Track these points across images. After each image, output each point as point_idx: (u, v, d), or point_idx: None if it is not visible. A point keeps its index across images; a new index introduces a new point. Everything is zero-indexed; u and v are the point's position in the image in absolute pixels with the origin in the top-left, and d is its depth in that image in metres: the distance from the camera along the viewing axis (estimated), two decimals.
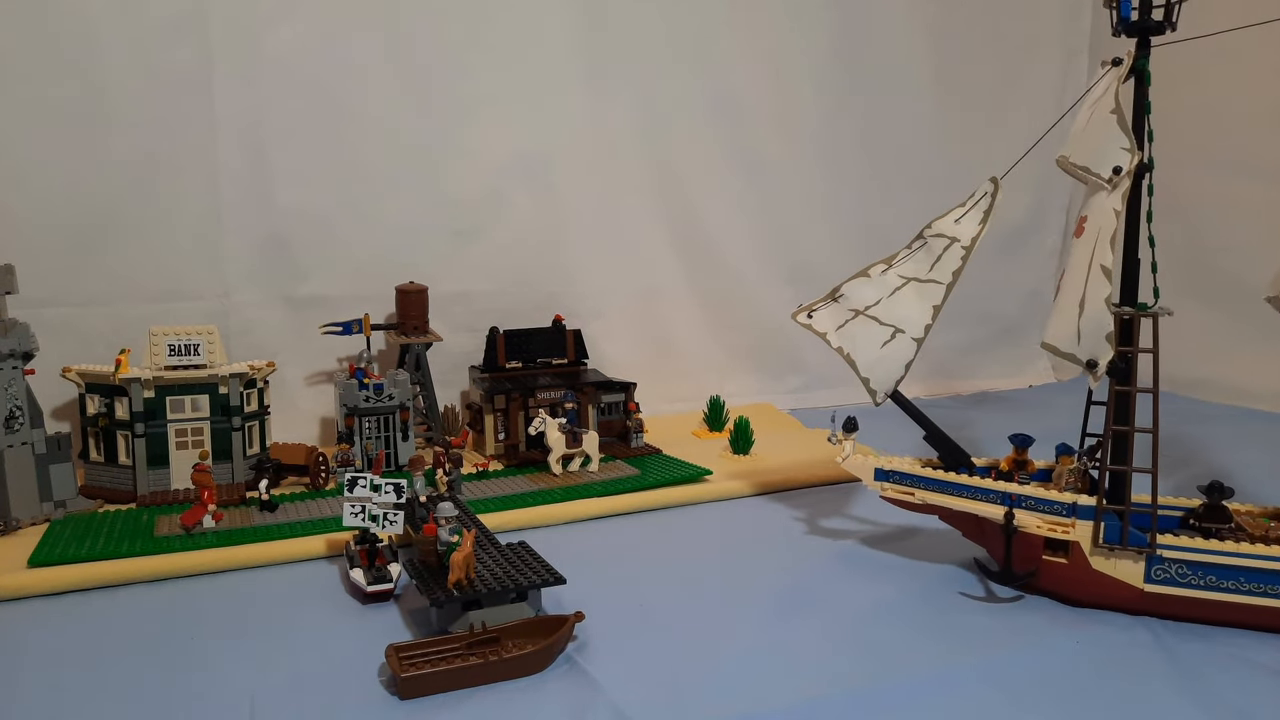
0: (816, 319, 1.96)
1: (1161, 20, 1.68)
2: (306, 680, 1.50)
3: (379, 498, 1.82)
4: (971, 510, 1.81)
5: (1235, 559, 1.61)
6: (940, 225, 1.92)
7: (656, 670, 1.52)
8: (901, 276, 1.92)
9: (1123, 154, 1.66)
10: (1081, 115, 1.76)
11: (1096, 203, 1.71)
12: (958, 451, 1.92)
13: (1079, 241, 1.72)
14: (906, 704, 1.44)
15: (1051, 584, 1.75)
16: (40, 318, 2.21)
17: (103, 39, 2.47)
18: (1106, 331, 1.65)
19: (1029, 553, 1.75)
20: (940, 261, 1.89)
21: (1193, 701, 1.44)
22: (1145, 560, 1.66)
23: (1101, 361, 1.67)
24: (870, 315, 1.91)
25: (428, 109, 2.82)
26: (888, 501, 1.94)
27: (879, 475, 1.93)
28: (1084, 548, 1.69)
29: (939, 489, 1.86)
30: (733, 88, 3.19)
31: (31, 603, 1.78)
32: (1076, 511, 1.70)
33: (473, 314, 2.88)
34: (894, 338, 1.88)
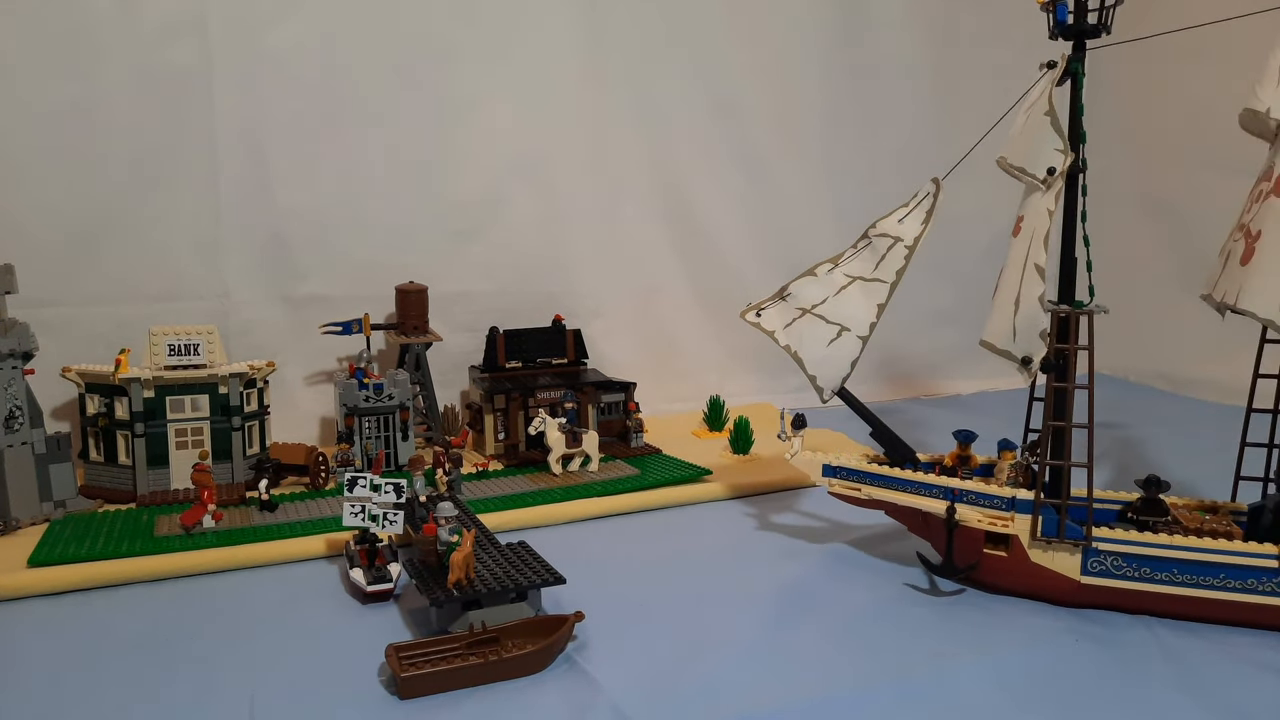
0: (765, 317, 1.99)
1: (1096, 24, 1.71)
2: (306, 680, 1.50)
3: (379, 497, 1.82)
4: (915, 505, 1.83)
5: (1168, 551, 1.64)
6: (884, 225, 1.96)
7: (656, 670, 1.52)
8: (847, 275, 1.95)
9: (1056, 155, 1.70)
10: (1019, 117, 1.80)
11: (1032, 203, 1.75)
12: (903, 448, 1.95)
13: (1015, 241, 1.77)
14: (906, 704, 1.44)
15: (992, 577, 1.79)
16: (40, 317, 2.21)
17: (103, 39, 2.47)
18: (1041, 329, 1.69)
19: (970, 546, 1.77)
20: (884, 261, 1.93)
21: (1193, 700, 1.44)
22: (1081, 553, 1.68)
23: (1035, 358, 1.71)
24: (817, 314, 1.95)
25: (427, 109, 2.82)
26: (835, 497, 1.96)
27: (827, 471, 1.95)
28: (1023, 541, 1.72)
29: (884, 484, 1.89)
30: (732, 87, 3.19)
31: (31, 603, 1.78)
32: (1015, 506, 1.73)
33: (472, 314, 2.88)
34: (840, 336, 1.92)
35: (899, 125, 3.37)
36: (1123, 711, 1.42)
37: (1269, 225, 1.59)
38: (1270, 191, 1.61)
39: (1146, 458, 2.60)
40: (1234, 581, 1.62)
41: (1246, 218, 1.66)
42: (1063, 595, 1.72)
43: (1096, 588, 1.69)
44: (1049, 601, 1.74)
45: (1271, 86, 1.62)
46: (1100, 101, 3.62)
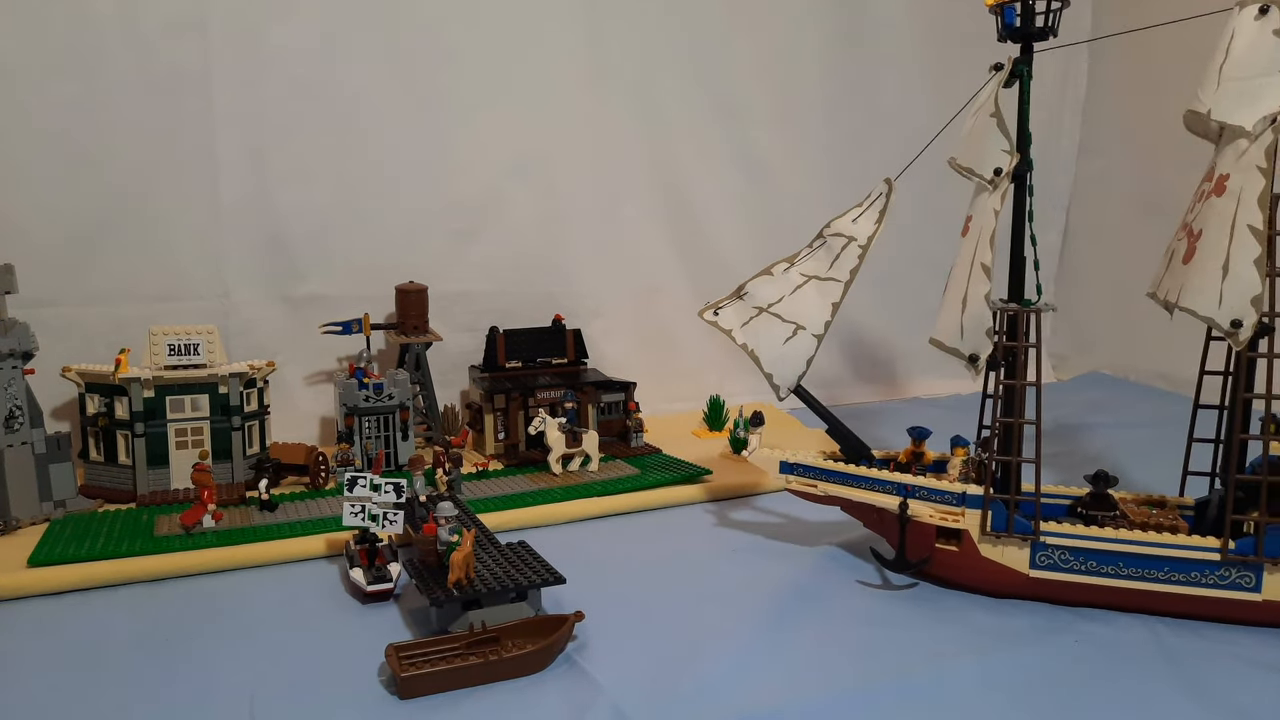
0: (722, 316, 2.02)
1: (1043, 27, 1.75)
2: (306, 680, 1.50)
3: (379, 497, 1.82)
4: (869, 501, 1.86)
5: (1114, 545, 1.67)
6: (839, 225, 1.98)
7: (656, 670, 1.52)
8: (803, 275, 1.97)
9: (1003, 156, 1.75)
10: (969, 119, 1.83)
11: (979, 203, 1.79)
12: (859, 445, 1.97)
13: (964, 240, 1.81)
14: (906, 704, 1.44)
15: (944, 571, 1.81)
16: (40, 317, 2.21)
17: (103, 39, 2.47)
18: (986, 327, 1.73)
19: (922, 541, 1.80)
20: (839, 260, 1.95)
21: (1192, 700, 1.44)
22: (1030, 547, 1.71)
23: (982, 356, 1.75)
24: (773, 312, 1.97)
25: (427, 108, 2.82)
26: (793, 494, 1.98)
27: (784, 468, 1.97)
28: (973, 535, 1.75)
29: (840, 481, 1.91)
30: (732, 87, 3.19)
31: (31, 602, 1.78)
32: (966, 501, 1.76)
33: (472, 313, 2.88)
34: (796, 334, 1.94)
35: (899, 126, 3.36)
36: (1123, 711, 1.42)
37: (1209, 225, 1.62)
38: (1211, 191, 1.63)
39: (1136, 455, 2.60)
40: (1178, 574, 1.65)
41: (1190, 217, 1.69)
42: (1012, 589, 1.75)
43: (1045, 581, 1.72)
44: (999, 595, 1.77)
45: (1212, 88, 1.64)
46: (1101, 101, 3.64)
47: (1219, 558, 1.63)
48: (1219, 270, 1.59)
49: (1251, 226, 1.56)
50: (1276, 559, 1.60)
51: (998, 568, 1.74)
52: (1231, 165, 1.60)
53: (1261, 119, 1.57)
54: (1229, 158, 1.62)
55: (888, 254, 2.04)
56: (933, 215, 2.48)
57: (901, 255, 2.71)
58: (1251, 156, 1.58)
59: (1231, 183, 1.60)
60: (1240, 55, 1.61)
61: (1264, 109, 1.57)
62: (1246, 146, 1.59)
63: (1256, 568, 1.62)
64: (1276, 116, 1.56)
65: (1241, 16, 1.61)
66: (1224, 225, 1.59)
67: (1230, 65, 1.61)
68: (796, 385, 1.97)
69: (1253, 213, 1.56)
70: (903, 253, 2.71)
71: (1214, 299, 1.60)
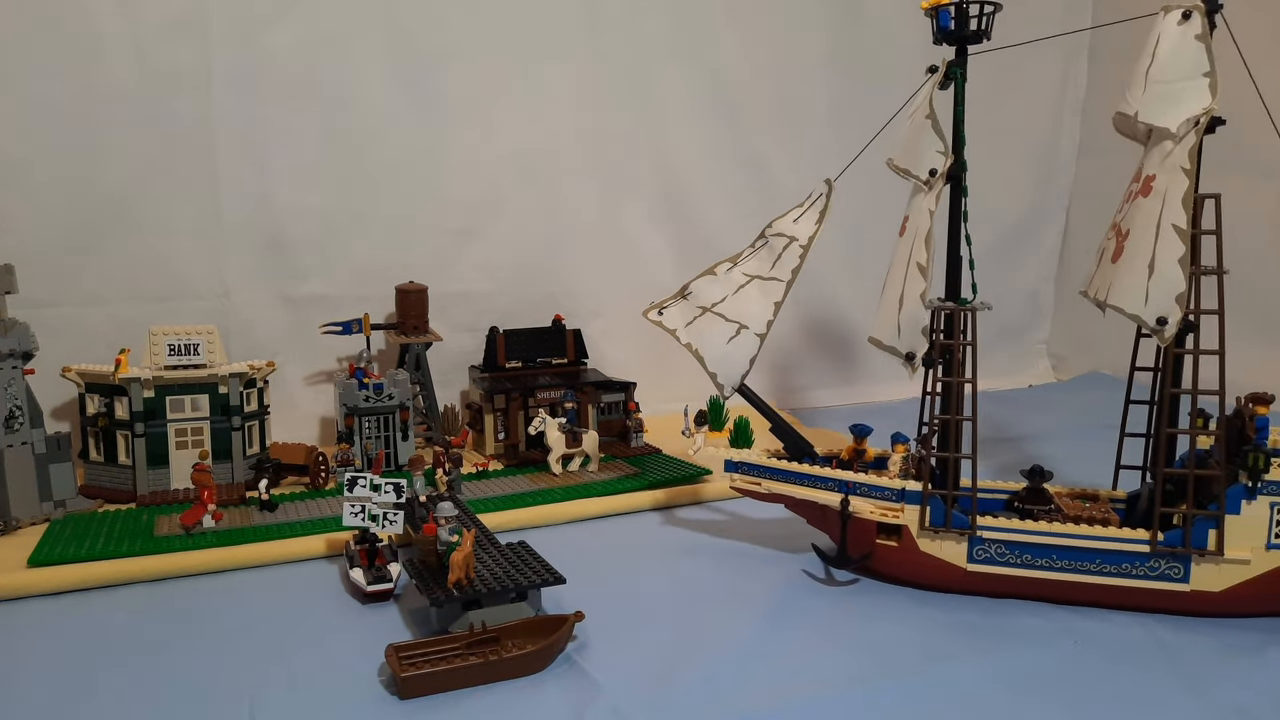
0: (667, 316, 2.05)
1: (977, 30, 1.78)
2: (306, 680, 1.50)
3: (379, 497, 1.82)
4: (812, 498, 1.89)
5: (1047, 538, 1.71)
6: (780, 225, 2.01)
7: (656, 670, 1.52)
8: (745, 274, 2.00)
9: (937, 157, 1.78)
10: (906, 121, 1.86)
11: (915, 203, 1.83)
12: (801, 442, 2.00)
13: (901, 240, 1.85)
14: (906, 703, 1.44)
15: (884, 566, 1.83)
16: (40, 317, 2.21)
17: (103, 39, 2.47)
18: (922, 325, 1.77)
19: (863, 537, 1.82)
20: (780, 260, 1.98)
21: (1193, 699, 1.44)
22: (967, 541, 1.74)
23: (918, 354, 1.78)
24: (717, 312, 2.00)
25: (427, 108, 2.82)
26: (737, 492, 2.01)
27: (729, 467, 2.01)
28: (912, 531, 1.78)
29: (783, 478, 1.94)
30: (732, 87, 3.19)
31: (31, 602, 1.78)
32: (905, 497, 1.79)
33: (472, 314, 2.88)
34: (739, 334, 1.97)
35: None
36: (1123, 711, 1.42)
37: (1136, 225, 1.66)
38: (1139, 192, 1.67)
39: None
40: (1109, 566, 1.69)
41: (1119, 217, 1.73)
42: (951, 583, 1.78)
43: (982, 575, 1.75)
44: (938, 590, 1.79)
45: (1139, 91, 1.68)
46: (1100, 101, 3.64)
47: (1148, 549, 1.67)
48: (1145, 269, 1.63)
49: (1176, 226, 1.61)
50: (1203, 550, 1.65)
51: (936, 562, 1.77)
52: (1157, 166, 1.65)
53: (1185, 121, 1.61)
54: (1155, 159, 1.66)
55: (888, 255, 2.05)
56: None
57: None
58: (1176, 158, 1.62)
59: (1157, 183, 1.64)
60: (1165, 59, 1.65)
61: (1187, 111, 1.62)
62: (1171, 148, 1.63)
63: (1184, 559, 1.66)
64: (1199, 118, 1.61)
65: (1166, 21, 1.66)
66: (1150, 225, 1.63)
67: (1156, 69, 1.66)
68: (740, 384, 1.99)
69: (1177, 213, 1.61)
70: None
71: (1140, 297, 1.64)
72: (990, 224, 3.58)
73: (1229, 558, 1.64)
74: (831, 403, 3.35)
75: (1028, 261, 3.73)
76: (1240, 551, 1.64)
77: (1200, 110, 1.61)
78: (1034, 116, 3.62)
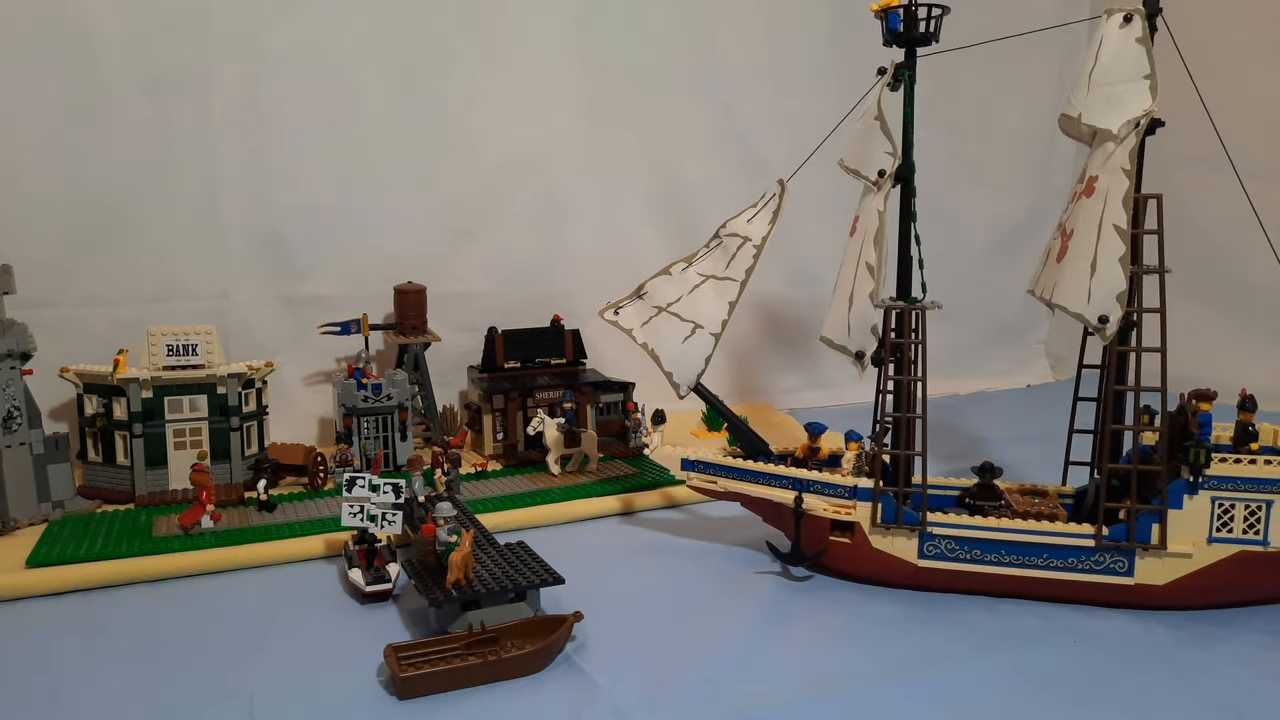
0: (623, 316, 2.07)
1: (925, 32, 1.82)
2: (305, 680, 1.50)
3: (377, 498, 1.82)
4: (767, 496, 1.90)
5: (996, 533, 1.74)
6: (734, 225, 2.03)
7: (655, 670, 1.52)
8: (700, 274, 2.03)
9: (886, 158, 1.81)
10: (856, 122, 1.89)
11: (865, 203, 1.86)
12: (757, 441, 2.01)
13: (852, 241, 1.88)
14: (906, 703, 1.44)
15: (837, 563, 1.85)
16: (38, 318, 2.21)
17: (101, 39, 2.47)
18: (872, 324, 1.80)
19: (817, 534, 1.84)
20: (735, 260, 2.01)
21: (1192, 700, 1.45)
22: (918, 538, 1.76)
23: (868, 353, 1.82)
24: (672, 312, 2.02)
25: (425, 108, 2.81)
26: (694, 490, 2.01)
27: (686, 465, 2.01)
28: (865, 527, 1.80)
29: (739, 477, 1.95)
30: (732, 87, 3.19)
31: (30, 603, 1.78)
32: (857, 494, 1.80)
33: (471, 314, 2.88)
34: (694, 333, 2.00)
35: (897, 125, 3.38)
36: (1122, 711, 1.43)
37: (1079, 224, 1.70)
38: (1082, 193, 1.71)
39: None
40: (1056, 560, 1.72)
41: (1064, 217, 1.76)
42: (902, 579, 1.80)
43: (933, 571, 1.77)
44: (890, 585, 1.81)
45: (1083, 93, 1.71)
46: None
47: (1094, 544, 1.70)
48: (1088, 268, 1.67)
49: (1117, 226, 1.64)
50: (1147, 544, 1.68)
51: (888, 558, 1.79)
52: (1100, 167, 1.68)
53: (1126, 123, 1.65)
54: (1097, 159, 1.69)
55: None
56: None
57: None
58: (1117, 159, 1.66)
59: (1099, 184, 1.67)
60: (1108, 61, 1.69)
61: (1128, 113, 1.65)
62: (1113, 149, 1.67)
63: (1129, 553, 1.69)
64: (1139, 120, 1.64)
65: (1109, 24, 1.69)
66: (1092, 225, 1.67)
67: (1099, 71, 1.69)
68: (696, 383, 2.01)
69: (1118, 213, 1.64)
70: None
71: (1083, 296, 1.67)
72: (989, 224, 3.59)
73: (1172, 551, 1.68)
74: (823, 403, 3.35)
75: (1026, 262, 3.71)
76: (1183, 545, 1.67)
77: (1141, 112, 1.64)
78: (1032, 116, 3.62)
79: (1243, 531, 1.67)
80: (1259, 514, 1.66)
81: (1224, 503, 1.67)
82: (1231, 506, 1.67)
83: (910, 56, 1.84)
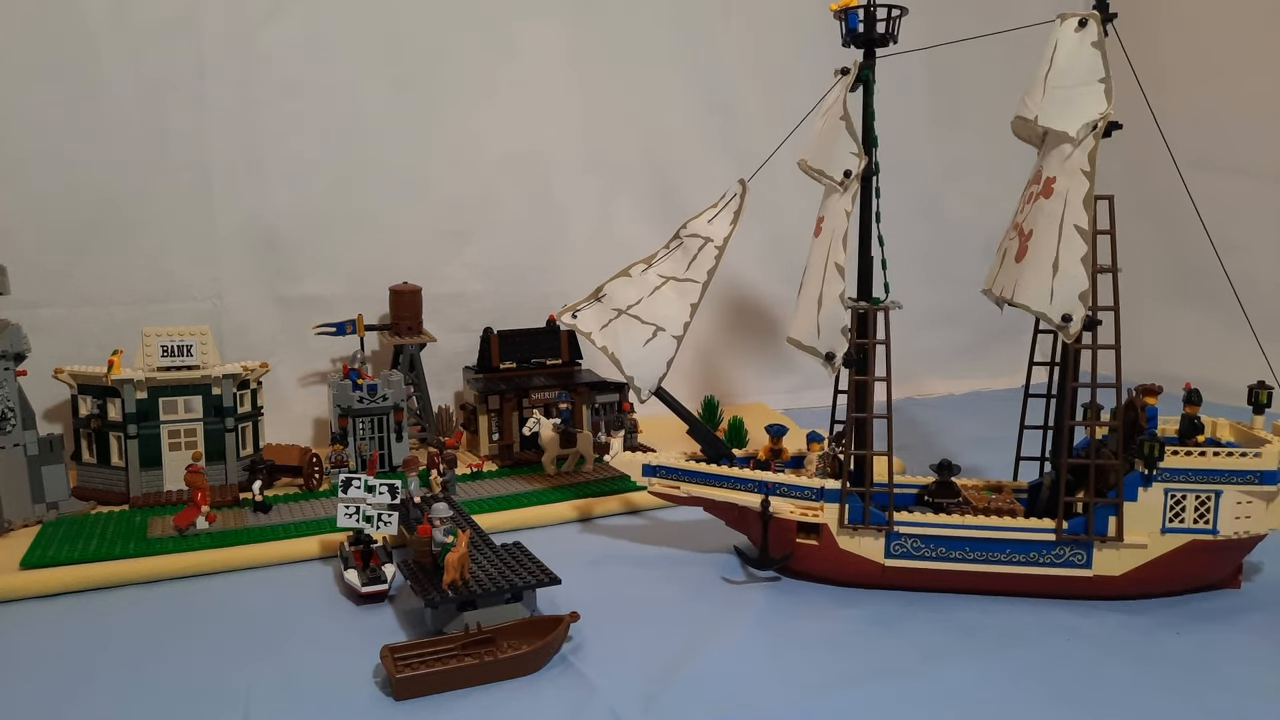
0: (581, 319, 2.03)
1: (885, 33, 1.83)
2: (301, 682, 1.49)
3: (373, 499, 1.82)
4: (732, 500, 1.89)
5: (961, 530, 1.76)
6: (695, 225, 2.02)
7: (651, 670, 1.52)
8: (661, 276, 2.00)
9: (851, 158, 1.80)
10: (818, 122, 1.89)
11: (831, 204, 1.84)
12: (719, 444, 2.00)
13: (817, 241, 1.86)
14: (903, 703, 1.44)
15: (804, 565, 1.85)
16: (32, 319, 2.21)
17: (95, 40, 2.47)
18: (842, 325, 1.78)
19: (784, 536, 1.83)
20: (696, 261, 1.98)
21: (1187, 698, 1.45)
22: (885, 537, 1.77)
23: (838, 353, 1.78)
24: (632, 314, 1.99)
25: (420, 109, 2.81)
26: (656, 496, 1.99)
27: (647, 471, 1.98)
28: (832, 529, 1.80)
29: (702, 481, 1.93)
30: (728, 87, 3.19)
31: (24, 605, 1.77)
32: (824, 495, 1.80)
33: (466, 314, 2.88)
34: (655, 336, 1.97)
35: (896, 126, 3.37)
36: (1121, 710, 1.42)
37: (1039, 225, 1.72)
38: (1040, 194, 1.73)
39: None
40: (1018, 555, 1.75)
41: (1020, 218, 1.79)
42: (869, 579, 1.80)
43: (899, 569, 1.78)
44: (857, 586, 1.82)
45: (1039, 96, 1.73)
46: None
47: (1054, 538, 1.73)
48: (1050, 268, 1.69)
49: (1078, 226, 1.67)
50: (1104, 536, 1.72)
51: (855, 559, 1.79)
52: (1058, 169, 1.71)
53: (1084, 125, 1.68)
54: (1054, 161, 1.72)
55: None
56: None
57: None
58: (1076, 160, 1.69)
59: (1059, 185, 1.70)
60: (1063, 65, 1.72)
61: (1086, 116, 1.68)
62: (1071, 151, 1.69)
63: (1088, 545, 1.73)
64: (1097, 123, 1.67)
65: (1063, 28, 1.73)
66: (1053, 225, 1.69)
67: (1054, 74, 1.72)
68: (657, 387, 1.99)
69: (1078, 213, 1.67)
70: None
71: (1045, 295, 1.69)
72: (987, 223, 3.58)
73: (1128, 543, 1.72)
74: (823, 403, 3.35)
75: None
76: (1139, 536, 1.72)
77: (1098, 115, 1.67)
78: None
79: (1194, 521, 1.72)
80: (1208, 504, 1.72)
81: (1176, 494, 1.72)
82: (1183, 497, 1.72)
83: (870, 57, 1.85)
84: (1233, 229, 3.35)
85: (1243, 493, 1.71)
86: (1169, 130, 1.83)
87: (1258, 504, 1.72)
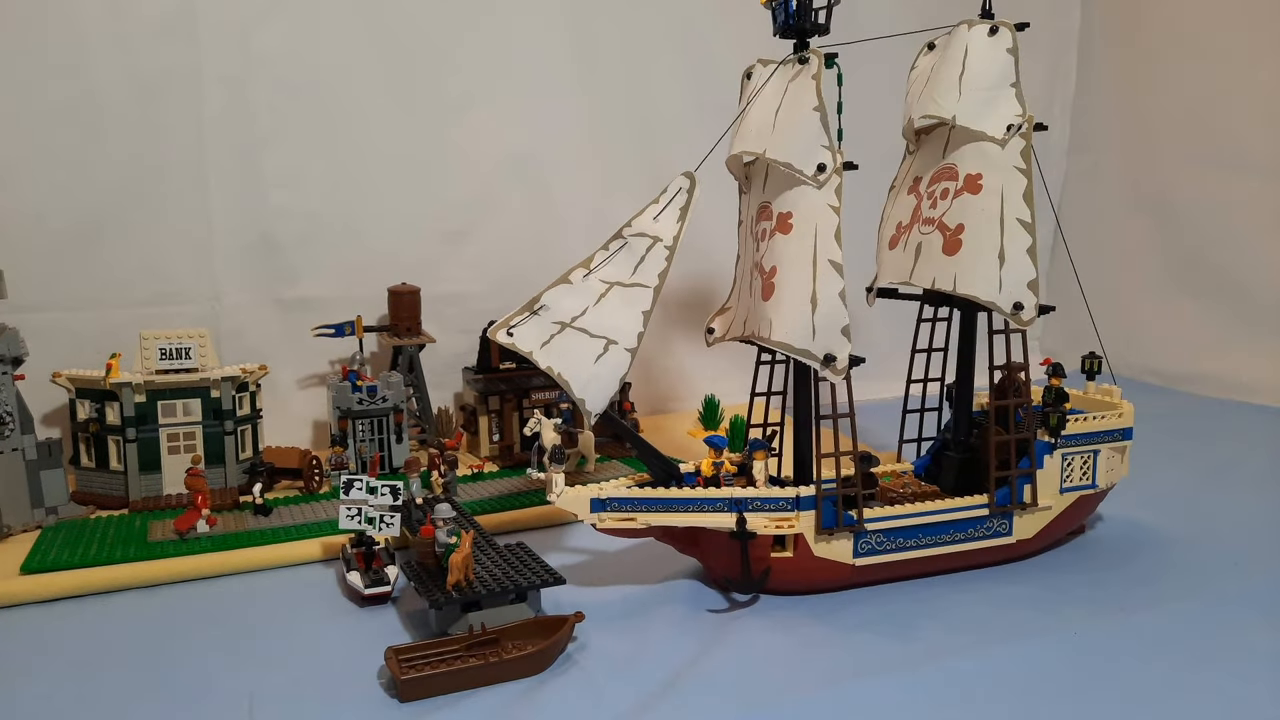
0: (519, 336, 1.69)
1: (816, 23, 1.84)
2: (305, 684, 1.49)
3: (375, 500, 1.81)
4: (702, 524, 1.74)
5: (914, 519, 1.81)
6: (639, 224, 1.83)
7: (658, 670, 1.51)
8: (604, 281, 1.75)
9: (824, 151, 1.77)
10: (756, 112, 1.88)
11: (803, 199, 1.78)
12: (668, 465, 1.84)
13: (789, 238, 1.77)
14: (907, 700, 1.44)
15: (778, 579, 1.77)
16: (30, 322, 2.20)
17: (92, 41, 2.46)
18: (843, 325, 1.73)
19: (759, 553, 1.76)
20: (644, 263, 1.78)
21: (1190, 694, 1.45)
22: (853, 537, 1.78)
23: (840, 355, 1.72)
24: (579, 328, 1.71)
25: (418, 110, 2.81)
26: (607, 533, 1.76)
27: (596, 506, 1.74)
28: (808, 537, 1.77)
29: (662, 508, 1.75)
30: (725, 87, 3.18)
31: (24, 610, 1.77)
32: (800, 504, 1.76)
33: (466, 315, 2.87)
34: (607, 350, 1.70)
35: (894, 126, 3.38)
36: (1123, 705, 1.43)
37: (969, 219, 1.82)
38: (964, 189, 1.82)
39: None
40: (960, 534, 1.85)
41: (934, 211, 1.86)
42: (840, 581, 1.81)
43: (866, 567, 1.80)
44: (828, 590, 1.81)
45: (954, 98, 1.83)
46: (1090, 98, 3.65)
47: (987, 512, 1.85)
48: (995, 259, 1.77)
49: (1020, 220, 1.78)
50: (1024, 504, 1.89)
51: (828, 564, 1.78)
52: (982, 165, 1.81)
53: (1008, 126, 1.79)
54: (971, 158, 1.83)
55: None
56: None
57: None
58: (1008, 158, 1.80)
59: (988, 181, 1.80)
60: (978, 69, 1.82)
61: (1005, 117, 1.81)
62: (993, 149, 1.81)
63: (1009, 515, 1.88)
64: (1022, 124, 1.79)
65: (973, 35, 1.84)
66: (992, 220, 1.78)
67: (970, 77, 1.82)
68: (604, 408, 1.72)
69: (1020, 208, 1.78)
70: None
71: (994, 285, 1.79)
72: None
73: (1040, 506, 1.90)
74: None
75: None
76: (1047, 499, 1.92)
77: (1016, 117, 1.80)
78: None
79: (1080, 479, 1.96)
80: (1090, 462, 1.97)
81: (1069, 457, 1.95)
82: (1073, 460, 1.95)
83: (803, 49, 1.84)
84: (1228, 224, 3.38)
85: (1111, 449, 1.99)
86: (1165, 126, 1.84)
87: (1117, 457, 2.01)
